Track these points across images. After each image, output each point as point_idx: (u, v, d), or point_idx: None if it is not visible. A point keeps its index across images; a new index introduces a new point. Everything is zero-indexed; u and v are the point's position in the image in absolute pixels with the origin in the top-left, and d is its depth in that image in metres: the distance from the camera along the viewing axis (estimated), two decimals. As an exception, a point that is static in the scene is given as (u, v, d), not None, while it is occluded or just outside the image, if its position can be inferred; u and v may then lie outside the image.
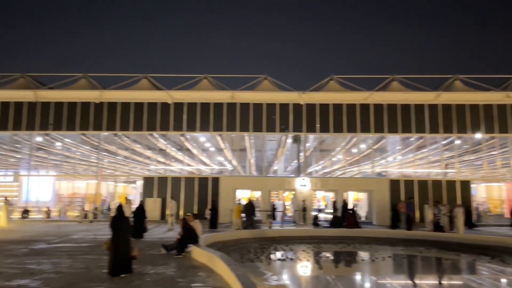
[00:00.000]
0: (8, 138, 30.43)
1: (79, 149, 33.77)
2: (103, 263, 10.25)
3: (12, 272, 9.42)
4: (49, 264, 10.51)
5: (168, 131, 28.53)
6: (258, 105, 28.49)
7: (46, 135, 29.42)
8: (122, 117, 28.33)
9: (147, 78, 29.54)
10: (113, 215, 9.91)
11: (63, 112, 28.35)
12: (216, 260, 9.79)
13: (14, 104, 28.33)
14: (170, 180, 28.11)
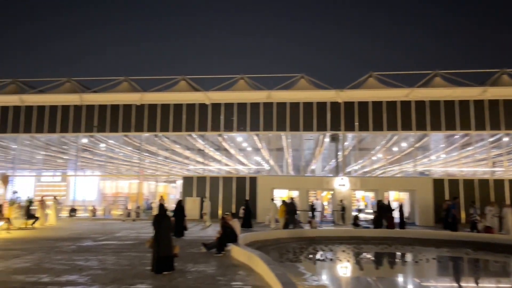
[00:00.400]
0: (56, 140, 31.99)
1: (122, 150, 34.95)
2: (146, 260, 10.55)
3: (61, 268, 9.88)
4: (95, 261, 10.95)
5: (206, 132, 28.96)
6: (295, 104, 28.35)
7: (91, 136, 30.67)
8: (162, 118, 29.04)
9: (186, 80, 30.12)
10: (155, 214, 10.19)
11: (107, 114, 29.43)
12: (255, 259, 9.83)
13: (61, 108, 29.70)
14: (209, 180, 28.53)
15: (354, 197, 30.60)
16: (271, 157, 32.69)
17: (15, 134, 29.87)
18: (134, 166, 36.46)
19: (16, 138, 30.55)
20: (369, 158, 34.98)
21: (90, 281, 8.49)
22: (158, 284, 8.29)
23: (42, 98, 29.77)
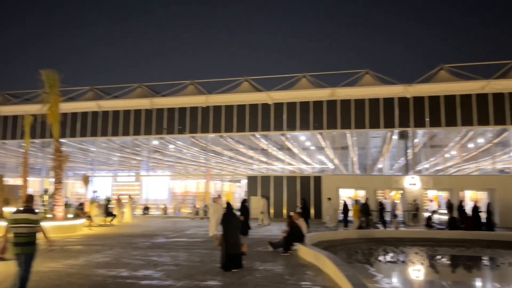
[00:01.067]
0: (130, 142, 34.01)
1: (189, 150, 36.30)
2: (216, 257, 10.84)
3: (138, 263, 10.47)
4: (168, 257, 11.46)
5: (269, 131, 29.13)
6: (360, 101, 27.56)
7: (161, 138, 32.20)
8: (226, 119, 29.70)
9: (248, 81, 30.54)
10: (223, 212, 10.43)
11: (175, 117, 30.72)
12: (323, 259, 9.70)
13: (134, 112, 31.50)
14: (273, 179, 28.67)
15: (426, 197, 29.08)
16: (336, 156, 32.11)
17: (93, 138, 32.19)
18: (201, 166, 37.73)
19: (94, 141, 32.93)
20: (441, 155, 33.04)
21: (164, 276, 8.90)
22: (228, 281, 8.47)
23: (116, 104, 31.80)
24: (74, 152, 35.50)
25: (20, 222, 6.80)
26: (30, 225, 6.80)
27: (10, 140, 33.47)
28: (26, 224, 6.78)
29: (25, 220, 6.81)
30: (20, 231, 6.77)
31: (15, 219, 6.88)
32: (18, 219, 6.84)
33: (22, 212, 6.97)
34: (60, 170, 19.18)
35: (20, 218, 6.85)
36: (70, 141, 32.61)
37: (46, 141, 32.39)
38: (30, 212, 6.95)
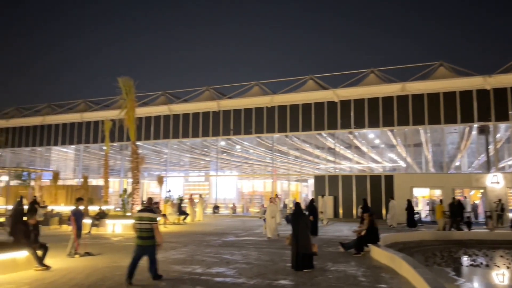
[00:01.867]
0: (199, 144, 35.25)
1: (256, 151, 36.76)
2: (286, 257, 10.84)
3: (211, 260, 10.78)
4: (239, 255, 11.67)
5: (335, 130, 28.59)
6: (433, 95, 26.04)
7: (228, 139, 32.97)
8: (292, 118, 29.63)
9: (313, 79, 30.23)
10: (292, 212, 10.38)
11: (241, 118, 31.28)
12: (399, 261, 9.28)
13: (202, 114, 32.59)
14: (341, 179, 28.07)
15: (511, 196, 26.71)
16: (408, 154, 30.63)
17: (166, 140, 33.82)
18: (267, 166, 37.97)
19: (167, 143, 34.57)
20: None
21: (237, 274, 9.07)
22: (300, 281, 8.41)
23: (186, 107, 33.12)
24: (149, 154, 37.55)
25: (144, 220, 8.02)
26: (151, 222, 8.00)
27: (92, 144, 36.23)
28: (148, 221, 8.00)
29: (147, 218, 8.03)
30: (143, 227, 7.99)
31: (140, 217, 8.13)
32: (142, 217, 8.08)
33: (144, 211, 8.17)
34: (137, 171, 20.36)
35: (144, 216, 8.07)
36: (144, 143, 34.52)
37: (123, 144, 34.60)
38: (151, 211, 8.17)
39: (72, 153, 39.43)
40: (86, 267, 9.65)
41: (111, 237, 16.26)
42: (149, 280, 8.22)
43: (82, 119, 36.24)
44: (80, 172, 36.62)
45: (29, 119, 38.30)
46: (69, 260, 10.71)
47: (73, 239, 11.31)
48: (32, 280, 8.23)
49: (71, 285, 7.87)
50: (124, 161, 36.35)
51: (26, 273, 8.83)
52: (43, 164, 38.60)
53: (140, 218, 8.10)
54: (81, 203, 12.17)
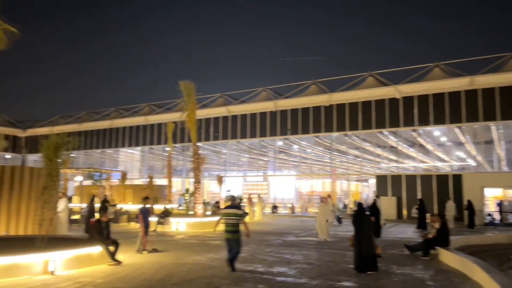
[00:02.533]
0: (257, 144, 35.60)
1: (314, 150, 36.41)
2: (348, 258, 10.62)
3: (272, 260, 10.84)
4: (300, 255, 11.62)
5: (398, 127, 27.51)
6: (505, 89, 24.20)
7: (285, 139, 32.96)
8: (351, 117, 28.96)
9: (373, 76, 29.35)
10: (354, 212, 10.15)
11: (298, 117, 31.12)
12: (471, 265, 8.75)
13: (260, 115, 32.86)
14: (404, 178, 26.96)
15: None
16: (478, 152, 28.72)
17: (225, 141, 34.53)
18: (326, 166, 37.46)
19: (225, 144, 35.29)
20: None
21: (298, 274, 9.04)
22: (364, 283, 8.21)
23: (243, 108, 33.58)
24: (209, 154, 38.56)
25: (230, 215, 9.03)
26: (236, 217, 9.01)
27: (156, 145, 37.92)
28: (233, 217, 9.00)
29: (233, 214, 9.03)
30: (230, 222, 9.02)
31: (226, 213, 9.15)
32: (228, 213, 9.10)
33: (230, 208, 9.16)
34: (198, 171, 20.96)
35: (230, 213, 9.07)
36: (204, 144, 35.49)
37: (185, 145, 35.82)
38: (236, 208, 9.18)
39: (138, 154, 41.54)
40: (154, 263, 10.12)
41: (175, 235, 16.91)
42: (221, 274, 8.45)
43: (147, 122, 38.05)
44: (145, 172, 38.49)
45: (99, 123, 40.92)
46: (138, 256, 11.30)
47: (141, 236, 11.91)
48: (106, 274, 8.79)
49: (141, 279, 8.30)
50: (185, 162, 37.64)
51: (100, 267, 9.44)
52: (112, 165, 41.08)
53: (227, 214, 9.08)
54: (148, 201, 12.77)
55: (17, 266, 8.16)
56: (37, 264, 8.41)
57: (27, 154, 44.73)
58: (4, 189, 12.30)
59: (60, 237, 11.37)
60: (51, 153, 9.59)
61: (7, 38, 10.54)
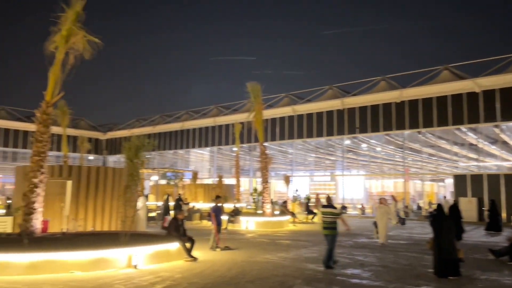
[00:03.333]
0: (323, 143, 35.12)
1: (384, 149, 35.09)
2: (426, 262, 10.11)
3: (345, 261, 10.63)
4: (373, 258, 11.26)
5: (477, 123, 25.58)
6: None
7: (354, 138, 32.13)
8: (424, 113, 27.47)
9: (448, 69, 27.63)
10: (434, 214, 9.63)
11: (367, 115, 30.16)
12: None
13: (326, 113, 32.37)
14: (486, 178, 25.01)
15: None
16: None
17: (291, 140, 34.49)
18: (397, 165, 35.93)
19: (291, 143, 35.24)
20: None
21: (373, 276, 8.77)
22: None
23: (309, 107, 33.31)
24: (275, 154, 38.76)
25: (326, 214, 9.85)
26: (332, 216, 9.77)
27: (224, 146, 38.92)
28: (330, 216, 9.78)
29: (329, 212, 9.83)
30: (326, 219, 9.80)
31: (323, 211, 9.98)
32: (325, 212, 9.91)
33: (327, 207, 10.06)
34: (266, 171, 21.17)
35: (326, 211, 9.89)
36: (271, 144, 35.72)
37: (252, 145, 36.36)
38: (332, 207, 10.00)
39: (207, 154, 42.94)
40: (227, 261, 10.40)
41: (245, 233, 17.23)
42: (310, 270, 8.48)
43: (215, 123, 39.21)
44: (214, 172, 39.67)
45: (171, 125, 42.93)
46: (211, 253, 11.68)
47: (214, 234, 12.30)
48: (184, 269, 9.20)
49: (216, 276, 8.57)
50: (252, 161, 38.19)
51: (177, 263, 9.90)
52: (183, 165, 42.89)
53: (324, 212, 9.92)
54: (220, 200, 13.14)
55: (104, 260, 8.82)
56: (122, 259, 9.03)
57: (107, 156, 48.22)
58: (91, 188, 13.38)
59: (140, 233, 12.11)
60: (132, 154, 10.25)
61: (91, 48, 11.46)
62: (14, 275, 7.95)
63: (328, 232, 9.75)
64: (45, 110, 11.04)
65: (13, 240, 9.59)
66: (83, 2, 11.28)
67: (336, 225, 9.77)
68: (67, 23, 11.09)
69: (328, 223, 9.77)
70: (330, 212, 9.87)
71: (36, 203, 10.38)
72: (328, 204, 10.29)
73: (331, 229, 9.73)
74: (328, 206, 10.17)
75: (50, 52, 11.18)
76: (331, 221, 9.76)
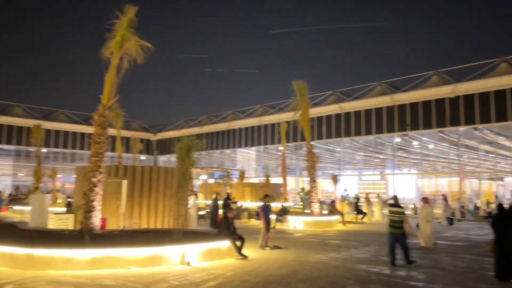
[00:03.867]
0: (372, 141, 34.24)
1: (437, 146, 33.64)
2: (487, 265, 9.61)
3: (398, 262, 10.27)
4: (429, 259, 10.85)
5: (542, 118, 23.89)
6: None
7: (404, 135, 31.05)
8: (481, 108, 26.02)
9: (506, 61, 26.01)
10: (495, 215, 9.12)
11: (419, 111, 29.04)
12: None
13: (375, 110, 31.52)
14: (552, 176, 23.30)
15: None
16: None
17: (338, 139, 33.94)
18: (452, 163, 34.31)
19: (339, 142, 34.67)
20: None
21: (429, 279, 8.45)
22: (509, 294, 7.32)
23: (357, 104, 32.59)
24: (321, 153, 38.31)
25: (394, 213, 10.18)
26: (399, 215, 10.09)
27: (270, 145, 39.01)
28: (397, 215, 10.10)
29: (396, 212, 10.17)
30: (394, 219, 10.12)
31: (391, 211, 10.31)
32: (392, 211, 10.26)
33: (394, 206, 10.35)
34: (313, 170, 20.96)
35: (394, 211, 10.24)
36: (317, 143, 35.34)
37: (298, 144, 36.16)
38: (398, 207, 10.32)
39: (253, 153, 43.24)
40: (277, 260, 10.42)
41: (294, 233, 17.18)
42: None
43: (261, 123, 39.39)
44: (261, 171, 39.86)
45: (218, 125, 43.66)
46: (261, 251, 11.76)
47: (263, 233, 12.37)
48: (235, 267, 9.33)
49: (266, 275, 8.61)
50: (298, 161, 37.98)
51: (228, 261, 10.06)
52: (230, 165, 43.47)
53: (392, 212, 10.22)
54: (269, 199, 13.19)
55: (159, 256, 9.14)
56: (175, 255, 9.31)
57: (158, 156, 49.88)
58: (144, 187, 13.90)
59: (192, 231, 12.41)
60: (183, 154, 10.54)
61: (144, 53, 11.90)
62: (78, 270, 8.43)
63: (396, 231, 10.01)
64: (102, 113, 11.61)
65: (75, 236, 10.16)
66: (135, 8, 11.76)
67: (403, 224, 10.03)
68: (121, 29, 11.58)
69: (396, 222, 10.06)
70: (397, 211, 10.15)
71: (95, 201, 10.95)
72: (395, 204, 10.50)
73: (399, 228, 10.01)
74: (395, 205, 10.40)
75: (106, 58, 11.74)
76: (398, 220, 10.06)
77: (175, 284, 7.61)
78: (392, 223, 10.16)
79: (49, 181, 31.13)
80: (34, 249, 8.60)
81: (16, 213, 24.68)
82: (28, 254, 8.55)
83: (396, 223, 10.08)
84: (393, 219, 10.15)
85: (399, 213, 10.13)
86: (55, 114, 42.89)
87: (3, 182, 39.62)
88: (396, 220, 10.08)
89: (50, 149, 41.04)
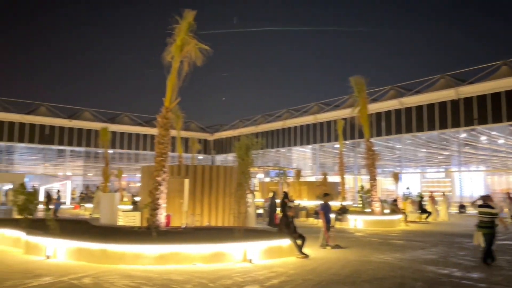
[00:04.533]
0: (436, 137, 32.60)
1: (508, 141, 31.33)
2: None
3: (469, 264, 9.75)
4: (504, 261, 10.15)
5: None
6: None
7: (471, 130, 29.26)
8: (560, 99, 23.89)
9: None
10: None
11: (487, 104, 27.24)
12: None
13: (438, 105, 29.98)
14: None
15: None
16: None
17: (398, 135, 32.72)
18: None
19: (399, 138, 33.39)
20: None
21: (505, 281, 7.92)
22: None
23: (418, 98, 31.22)
24: (381, 150, 37.09)
25: (483, 213, 9.91)
26: (490, 216, 9.79)
27: (326, 143, 38.46)
28: (487, 215, 9.82)
29: (486, 212, 9.86)
30: (483, 219, 9.88)
31: (480, 211, 10.04)
32: (482, 211, 9.97)
33: (484, 206, 10.01)
34: (373, 168, 20.33)
35: (483, 211, 9.93)
36: (376, 140, 34.29)
37: (355, 142, 35.33)
38: (489, 207, 9.93)
39: (309, 152, 42.90)
40: (339, 259, 10.25)
41: (354, 232, 16.80)
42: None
43: (316, 120, 38.95)
44: (317, 169, 39.43)
45: (273, 124, 43.79)
46: (321, 250, 11.62)
47: (324, 232, 12.22)
48: (296, 266, 9.31)
49: (330, 274, 8.50)
50: (356, 158, 37.09)
51: (289, 259, 10.05)
52: (286, 163, 43.43)
53: (481, 212, 9.97)
54: (328, 198, 12.99)
55: (221, 253, 9.34)
56: (238, 253, 9.47)
57: (215, 155, 51.06)
58: (205, 186, 14.29)
59: (252, 229, 12.57)
60: (243, 153, 10.69)
61: (202, 55, 12.23)
62: (146, 265, 8.84)
63: (484, 231, 9.82)
64: (165, 115, 12.09)
65: (143, 233, 10.68)
66: (193, 13, 12.11)
67: (494, 224, 9.76)
68: (181, 33, 11.98)
69: (485, 223, 9.81)
70: (487, 212, 9.87)
71: (160, 199, 11.43)
72: (485, 204, 10.17)
73: (488, 228, 9.77)
74: (485, 206, 10.10)
75: (167, 62, 12.21)
76: (489, 220, 9.79)
77: (239, 280, 7.74)
78: (481, 224, 9.91)
79: (116, 180, 32.95)
80: (108, 244, 9.15)
81: (87, 211, 26.40)
82: (102, 250, 9.11)
83: (484, 223, 9.82)
84: (482, 220, 9.87)
85: (490, 214, 9.81)
86: (119, 117, 45.41)
87: (75, 181, 42.53)
88: (486, 220, 9.80)
89: (116, 150, 43.48)
